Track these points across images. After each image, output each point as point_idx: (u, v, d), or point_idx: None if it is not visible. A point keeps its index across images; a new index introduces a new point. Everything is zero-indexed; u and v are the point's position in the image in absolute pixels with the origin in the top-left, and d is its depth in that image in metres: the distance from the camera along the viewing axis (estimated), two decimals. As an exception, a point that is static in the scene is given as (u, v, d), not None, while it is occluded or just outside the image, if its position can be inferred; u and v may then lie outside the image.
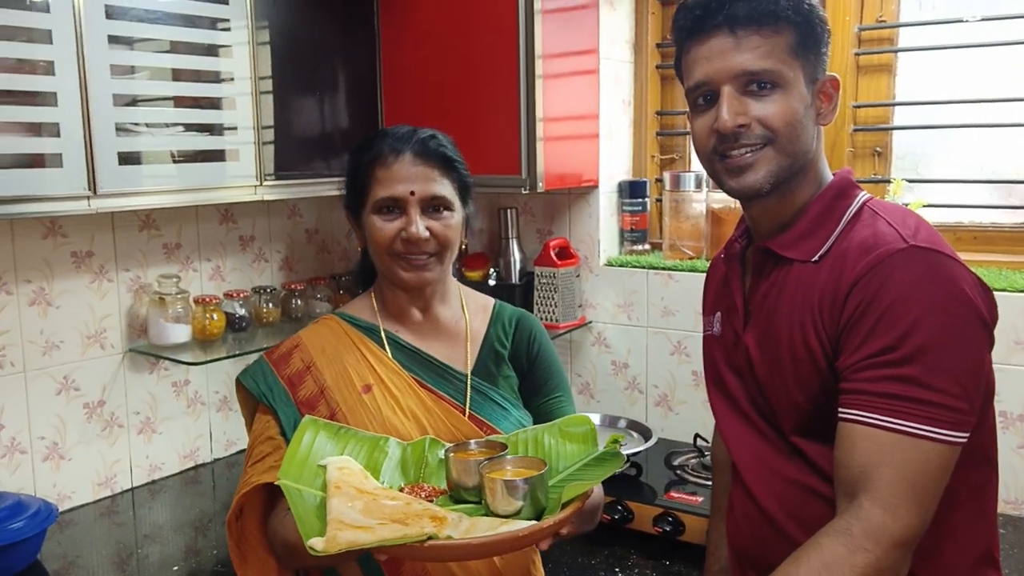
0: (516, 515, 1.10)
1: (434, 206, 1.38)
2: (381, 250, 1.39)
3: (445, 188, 1.38)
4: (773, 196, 1.20)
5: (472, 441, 1.25)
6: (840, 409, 1.10)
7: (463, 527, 1.04)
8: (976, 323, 1.07)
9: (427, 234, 1.36)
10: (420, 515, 1.04)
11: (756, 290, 1.24)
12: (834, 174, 1.24)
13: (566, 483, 1.17)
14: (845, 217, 1.17)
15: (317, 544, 1.01)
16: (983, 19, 2.08)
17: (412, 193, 1.36)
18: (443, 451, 1.23)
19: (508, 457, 1.18)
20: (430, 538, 1.01)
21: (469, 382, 1.41)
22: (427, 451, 1.26)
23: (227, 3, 1.95)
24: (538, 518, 1.11)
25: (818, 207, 1.19)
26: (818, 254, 1.16)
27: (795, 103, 1.15)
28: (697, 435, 2.14)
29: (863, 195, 1.20)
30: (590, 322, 2.52)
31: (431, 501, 1.16)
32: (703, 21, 1.16)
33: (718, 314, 1.33)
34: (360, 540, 0.99)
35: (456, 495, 1.18)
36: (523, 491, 1.10)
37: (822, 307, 1.13)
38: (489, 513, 1.11)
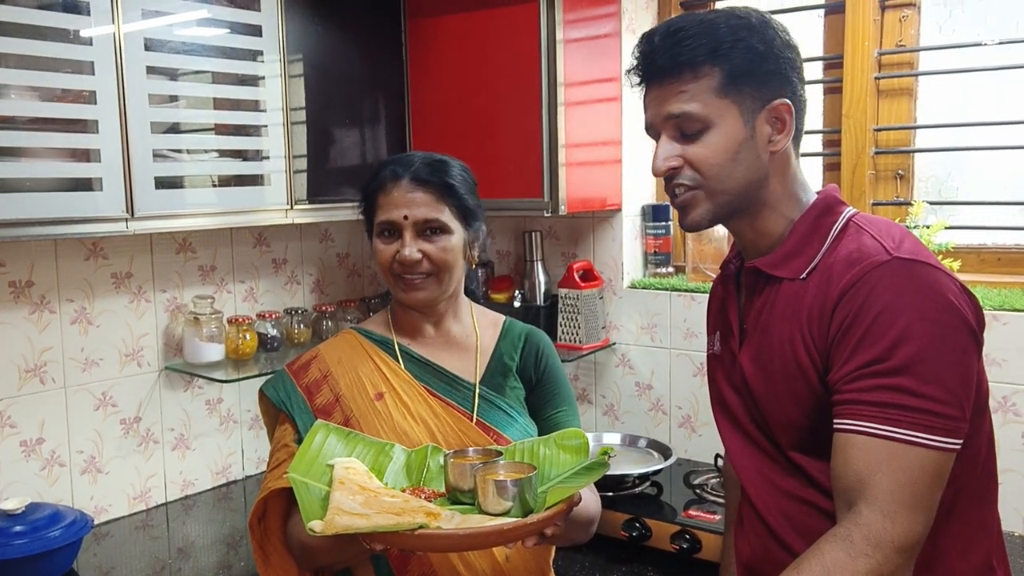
0: (505, 515, 1.15)
1: (430, 228, 1.44)
2: (384, 271, 1.47)
3: (441, 212, 1.44)
4: (738, 223, 1.25)
5: (470, 448, 1.32)
6: (834, 420, 1.11)
7: (454, 523, 1.10)
8: (963, 330, 1.09)
9: (419, 256, 1.43)
10: (416, 510, 1.11)
11: (750, 309, 1.27)
12: (818, 192, 1.26)
13: (554, 488, 1.22)
14: (831, 233, 1.20)
15: (316, 526, 1.08)
16: (1001, 42, 2.09)
17: (405, 217, 1.43)
18: (443, 457, 1.28)
19: (502, 462, 1.24)
20: (421, 528, 1.06)
21: (477, 391, 1.47)
22: (429, 457, 1.32)
23: (260, 36, 2.05)
24: None
25: (803, 226, 1.22)
26: (806, 271, 1.19)
27: (726, 140, 1.19)
28: (718, 455, 2.15)
29: (849, 211, 1.23)
30: (614, 343, 2.55)
31: (430, 502, 1.21)
32: (642, 77, 1.24)
33: (718, 333, 1.36)
34: (355, 525, 1.06)
35: (453, 497, 1.23)
36: (512, 492, 1.16)
37: (810, 322, 1.15)
38: (481, 512, 1.16)
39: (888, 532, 1.04)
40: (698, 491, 2.08)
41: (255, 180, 2.10)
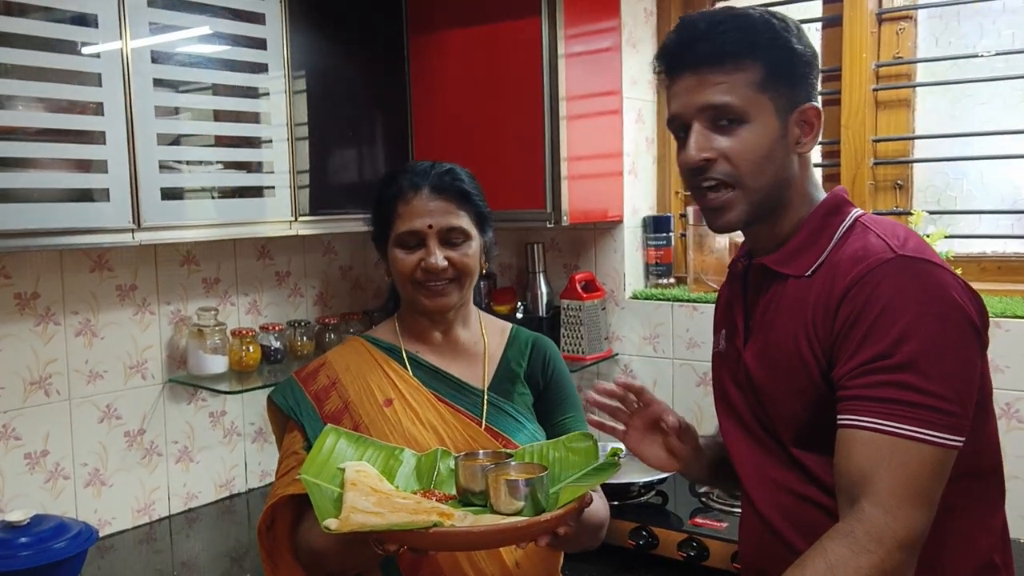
0: (518, 514, 1.16)
1: (452, 237, 1.46)
2: (404, 280, 1.48)
3: (461, 219, 1.47)
4: (761, 224, 1.25)
5: (480, 451, 1.33)
6: (838, 416, 1.12)
7: (467, 522, 1.11)
8: (967, 327, 1.10)
9: (445, 263, 1.44)
10: (429, 511, 1.12)
11: (755, 307, 1.28)
12: (827, 194, 1.28)
13: (565, 488, 1.23)
14: (838, 232, 1.21)
15: (332, 524, 1.09)
16: (997, 53, 2.12)
17: (430, 226, 1.44)
18: (453, 459, 1.29)
19: (512, 463, 1.25)
20: (436, 526, 1.06)
21: (485, 397, 1.48)
22: (439, 461, 1.33)
23: (265, 49, 2.07)
24: None
25: (811, 224, 1.24)
26: (811, 268, 1.20)
27: (761, 137, 1.19)
28: (722, 464, 2.15)
29: (856, 211, 1.24)
30: (616, 354, 2.56)
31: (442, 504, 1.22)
32: (672, 64, 1.23)
33: (723, 331, 1.38)
34: (371, 523, 1.07)
35: (464, 499, 1.24)
36: (524, 491, 1.17)
37: (815, 319, 1.16)
38: (493, 512, 1.17)
39: (890, 528, 1.04)
40: (703, 499, 2.08)
41: (259, 192, 2.11)
